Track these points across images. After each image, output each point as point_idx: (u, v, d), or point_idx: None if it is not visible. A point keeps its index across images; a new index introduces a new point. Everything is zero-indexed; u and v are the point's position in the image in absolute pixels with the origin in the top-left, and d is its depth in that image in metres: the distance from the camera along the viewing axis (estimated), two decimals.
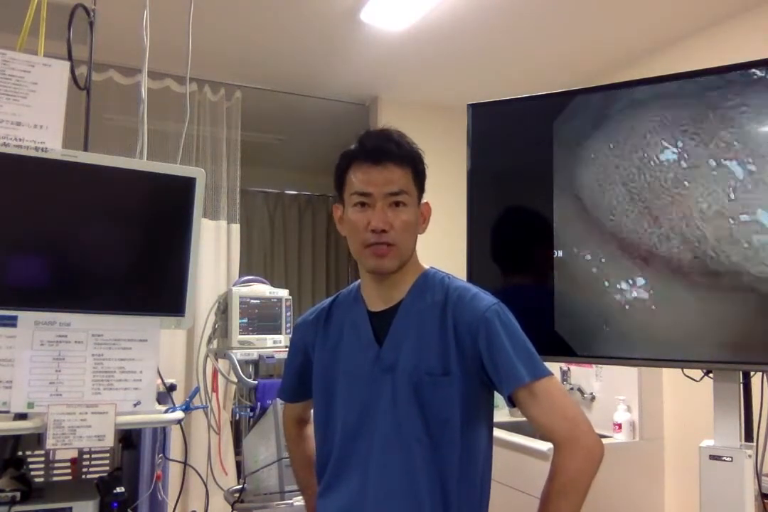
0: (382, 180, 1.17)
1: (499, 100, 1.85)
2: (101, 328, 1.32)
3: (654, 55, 3.01)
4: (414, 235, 1.23)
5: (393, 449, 1.16)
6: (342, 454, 1.22)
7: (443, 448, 1.15)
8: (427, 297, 1.22)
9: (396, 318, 1.22)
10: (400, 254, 1.19)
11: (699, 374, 1.63)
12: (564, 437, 1.10)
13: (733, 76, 1.52)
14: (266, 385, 1.95)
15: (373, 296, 1.26)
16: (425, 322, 1.20)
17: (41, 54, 1.43)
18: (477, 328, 1.15)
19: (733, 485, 1.50)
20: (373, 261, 1.19)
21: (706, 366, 1.57)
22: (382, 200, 1.17)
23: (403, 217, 1.18)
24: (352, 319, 1.28)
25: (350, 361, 1.24)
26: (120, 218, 1.40)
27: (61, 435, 1.24)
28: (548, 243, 1.72)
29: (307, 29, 2.85)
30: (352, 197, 1.19)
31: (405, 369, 1.17)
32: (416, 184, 1.22)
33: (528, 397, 1.12)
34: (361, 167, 1.19)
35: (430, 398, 1.16)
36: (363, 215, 1.18)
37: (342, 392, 1.24)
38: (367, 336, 1.23)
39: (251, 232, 4.98)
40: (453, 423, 1.15)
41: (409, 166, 1.20)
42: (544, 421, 1.12)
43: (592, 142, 1.68)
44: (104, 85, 2.96)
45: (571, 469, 1.08)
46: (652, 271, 1.58)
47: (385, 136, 1.21)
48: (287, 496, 1.59)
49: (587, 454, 1.09)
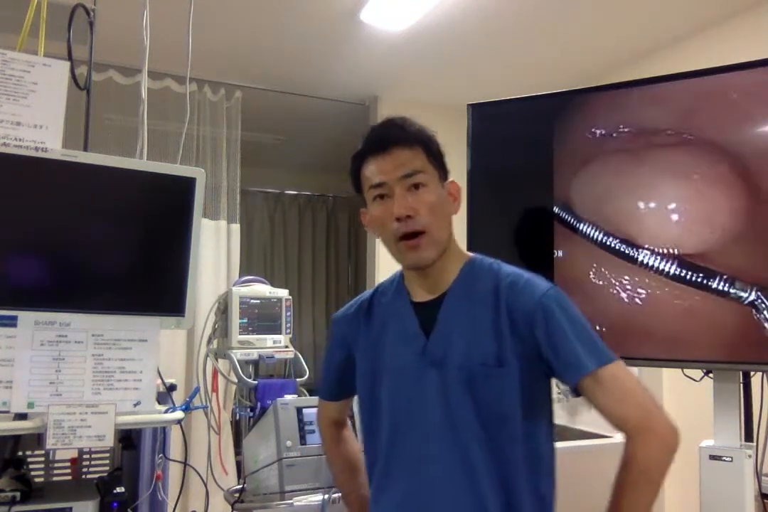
0: (392, 165, 1.11)
1: (499, 100, 1.85)
2: (101, 328, 1.32)
3: (654, 55, 3.01)
4: (445, 216, 1.15)
5: (445, 446, 1.10)
6: (390, 453, 1.16)
7: (502, 442, 1.08)
8: (476, 285, 1.15)
9: (443, 309, 1.15)
10: (434, 241, 1.12)
11: (699, 374, 1.63)
12: (637, 425, 1.03)
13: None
14: (266, 385, 1.95)
15: (416, 287, 1.19)
16: (476, 312, 1.13)
17: (41, 54, 1.42)
18: (534, 316, 1.08)
19: (733, 485, 1.50)
20: (409, 256, 1.12)
21: (706, 366, 1.57)
22: (399, 186, 1.11)
23: (426, 198, 1.11)
24: (395, 311, 1.20)
25: (395, 355, 1.17)
26: (120, 218, 1.39)
27: (61, 435, 1.24)
28: (548, 243, 1.72)
29: (307, 29, 2.85)
30: (370, 192, 1.14)
31: (455, 362, 1.10)
32: (432, 162, 1.15)
33: (594, 385, 1.05)
34: (371, 160, 1.14)
35: (484, 391, 1.09)
36: (384, 207, 1.12)
37: (388, 388, 1.17)
38: (413, 328, 1.16)
39: (251, 232, 4.98)
40: (512, 417, 1.08)
41: (418, 146, 1.13)
42: (614, 410, 1.05)
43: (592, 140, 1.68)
44: (104, 85, 2.96)
45: (646, 459, 1.02)
46: (651, 270, 1.58)
47: (387, 124, 1.17)
48: (287, 496, 1.58)
49: (662, 442, 1.03)
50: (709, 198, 1.51)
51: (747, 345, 1.47)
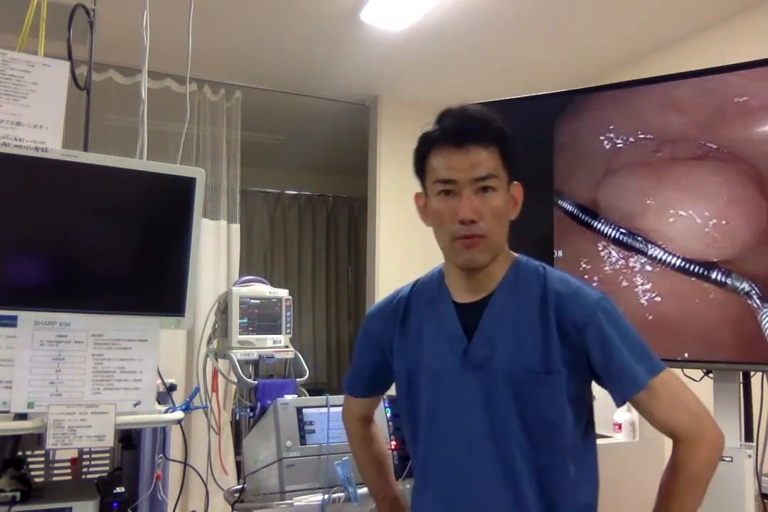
0: (467, 164, 1.06)
1: (499, 100, 1.85)
2: (101, 328, 1.32)
3: (654, 56, 3.01)
4: (506, 223, 1.12)
5: (487, 455, 1.08)
6: (428, 456, 1.14)
7: (547, 451, 1.07)
8: (522, 289, 1.12)
9: (487, 311, 1.11)
10: (491, 246, 1.09)
11: (699, 374, 1.63)
12: (689, 432, 1.04)
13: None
14: (266, 385, 1.95)
15: (460, 287, 1.15)
16: (522, 316, 1.10)
17: (41, 54, 1.42)
18: (585, 325, 1.06)
19: (733, 485, 1.50)
20: (464, 255, 1.09)
21: (706, 367, 1.57)
22: (469, 186, 1.06)
23: (494, 203, 1.07)
24: (435, 311, 1.17)
25: (435, 357, 1.14)
26: (120, 218, 1.39)
27: (61, 435, 1.24)
28: (548, 242, 1.72)
29: (307, 29, 2.85)
30: (435, 185, 1.09)
31: (500, 367, 1.07)
32: (505, 165, 1.11)
33: (648, 396, 1.04)
34: (442, 151, 1.08)
35: (529, 397, 1.06)
36: (448, 204, 1.07)
37: (426, 390, 1.14)
38: (455, 330, 1.12)
39: (251, 232, 4.98)
40: (560, 425, 1.06)
41: (495, 146, 1.09)
42: (666, 417, 1.05)
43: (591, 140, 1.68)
44: (104, 85, 2.96)
45: (698, 464, 1.03)
46: (651, 270, 1.58)
47: (466, 114, 1.10)
48: (287, 496, 1.58)
49: (713, 448, 1.04)
50: (734, 216, 1.50)
51: (747, 345, 1.47)
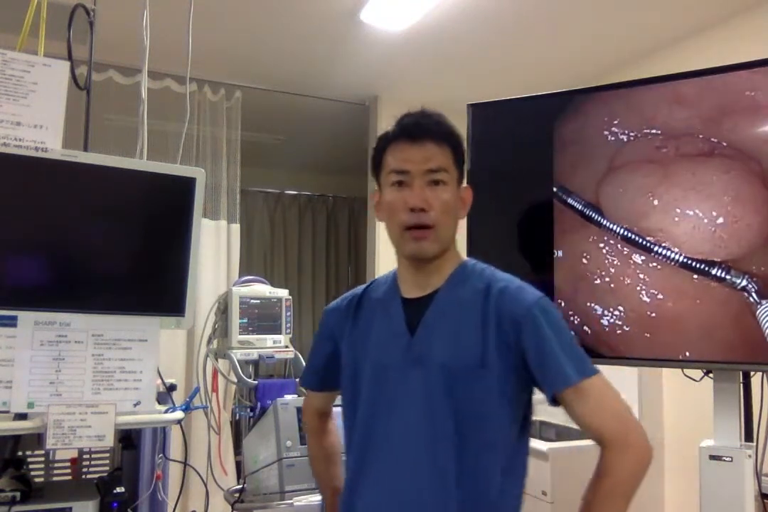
0: (420, 157, 1.12)
1: (499, 100, 1.86)
2: (101, 328, 1.32)
3: (654, 56, 3.01)
4: (455, 218, 1.17)
5: (420, 445, 1.10)
6: (366, 447, 1.17)
7: (475, 445, 1.09)
8: (467, 286, 1.16)
9: (431, 307, 1.16)
10: (440, 237, 1.14)
11: (699, 374, 1.63)
12: (614, 438, 1.05)
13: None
14: (266, 385, 1.95)
15: (408, 282, 1.20)
16: (464, 312, 1.14)
17: (41, 54, 1.42)
18: (521, 323, 1.09)
19: (733, 485, 1.50)
20: (412, 245, 1.14)
21: (706, 366, 1.57)
22: (420, 178, 1.12)
23: (443, 196, 1.13)
24: (384, 306, 1.21)
25: (380, 350, 1.18)
26: (120, 218, 1.39)
27: (61, 435, 1.24)
28: (548, 242, 1.72)
29: (307, 29, 2.85)
30: (389, 176, 1.15)
31: (438, 361, 1.11)
32: (456, 164, 1.17)
33: (575, 397, 1.07)
34: (399, 146, 1.15)
35: (463, 391, 1.09)
36: (400, 194, 1.13)
37: (369, 382, 1.18)
38: (399, 325, 1.17)
39: (251, 232, 4.98)
40: (487, 417, 1.09)
41: (448, 145, 1.15)
42: (592, 421, 1.07)
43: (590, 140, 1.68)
44: (104, 85, 2.96)
45: (622, 471, 1.04)
46: (651, 269, 1.58)
47: (423, 115, 1.18)
48: (287, 496, 1.58)
49: (638, 456, 1.05)
50: (741, 215, 1.49)
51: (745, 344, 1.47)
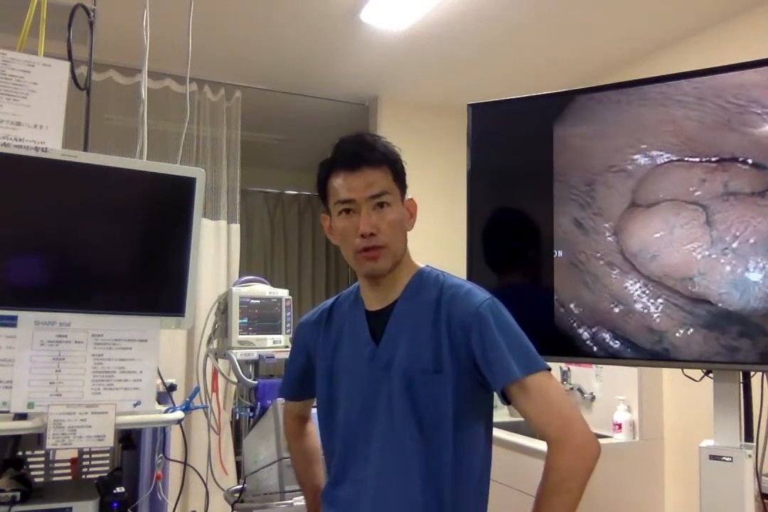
0: (362, 184, 1.19)
1: (499, 100, 1.85)
2: (101, 328, 1.32)
3: (654, 55, 3.01)
4: (403, 232, 1.24)
5: (390, 447, 1.17)
6: (345, 452, 1.23)
7: (436, 447, 1.15)
8: (421, 295, 1.23)
9: (391, 317, 1.23)
10: (392, 254, 1.21)
11: (699, 374, 1.63)
12: (556, 434, 1.08)
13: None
14: (266, 385, 1.95)
15: (370, 296, 1.28)
16: (419, 320, 1.20)
17: (41, 54, 1.42)
18: (470, 324, 1.15)
19: (733, 485, 1.50)
20: (367, 264, 1.21)
21: (706, 366, 1.57)
22: (366, 204, 1.19)
23: (389, 216, 1.20)
24: (351, 319, 1.30)
25: (349, 360, 1.26)
26: (120, 218, 1.39)
27: (61, 435, 1.24)
28: (548, 242, 1.72)
29: (308, 29, 2.85)
30: (337, 206, 1.22)
31: (399, 367, 1.18)
32: (397, 182, 1.24)
33: (520, 393, 1.10)
34: (340, 175, 1.21)
35: (422, 396, 1.16)
36: (350, 221, 1.20)
37: (343, 391, 1.25)
38: (364, 335, 1.25)
39: (251, 232, 4.97)
40: (445, 421, 1.15)
41: (386, 166, 1.22)
42: (536, 418, 1.10)
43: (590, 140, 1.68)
44: (104, 85, 2.96)
45: (563, 468, 1.06)
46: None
47: (358, 141, 1.24)
48: (287, 496, 1.59)
49: (580, 452, 1.07)
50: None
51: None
